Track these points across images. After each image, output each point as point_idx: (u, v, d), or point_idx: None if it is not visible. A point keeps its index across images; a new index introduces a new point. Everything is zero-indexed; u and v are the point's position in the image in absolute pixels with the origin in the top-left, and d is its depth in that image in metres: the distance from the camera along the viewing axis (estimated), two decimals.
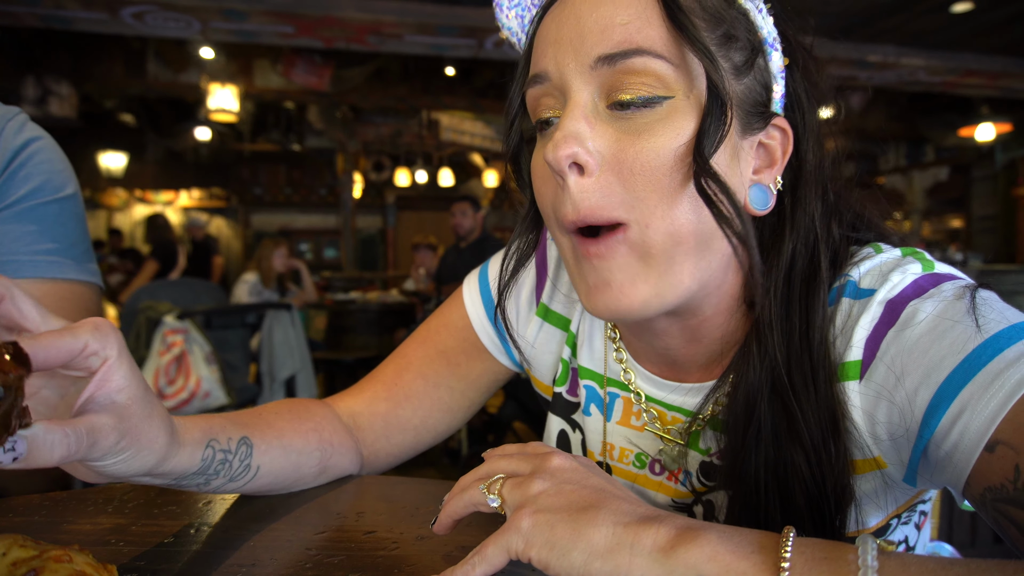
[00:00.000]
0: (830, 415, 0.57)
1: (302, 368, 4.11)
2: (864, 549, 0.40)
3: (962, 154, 10.13)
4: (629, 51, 0.56)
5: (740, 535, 0.43)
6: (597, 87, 0.58)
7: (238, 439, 0.66)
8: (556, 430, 0.83)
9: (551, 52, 0.59)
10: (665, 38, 0.56)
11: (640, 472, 0.74)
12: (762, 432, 0.59)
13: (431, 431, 0.88)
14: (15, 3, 4.79)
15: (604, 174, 0.56)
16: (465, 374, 0.87)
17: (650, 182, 0.55)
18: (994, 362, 0.48)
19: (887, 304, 0.57)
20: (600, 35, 0.56)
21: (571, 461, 0.54)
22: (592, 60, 0.57)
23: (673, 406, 0.71)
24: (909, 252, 0.62)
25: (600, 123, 0.57)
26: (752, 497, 0.60)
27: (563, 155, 0.55)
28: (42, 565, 0.45)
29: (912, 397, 0.52)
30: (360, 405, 0.85)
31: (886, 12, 5.55)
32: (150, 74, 6.95)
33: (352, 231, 10.32)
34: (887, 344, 0.55)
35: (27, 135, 0.92)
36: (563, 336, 0.83)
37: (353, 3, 5.08)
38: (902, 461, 0.56)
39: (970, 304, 0.53)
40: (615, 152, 0.56)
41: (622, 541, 0.44)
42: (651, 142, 0.56)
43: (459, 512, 0.56)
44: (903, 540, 0.66)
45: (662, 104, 0.56)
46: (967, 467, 0.48)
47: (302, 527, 0.67)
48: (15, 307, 0.47)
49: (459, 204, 5.03)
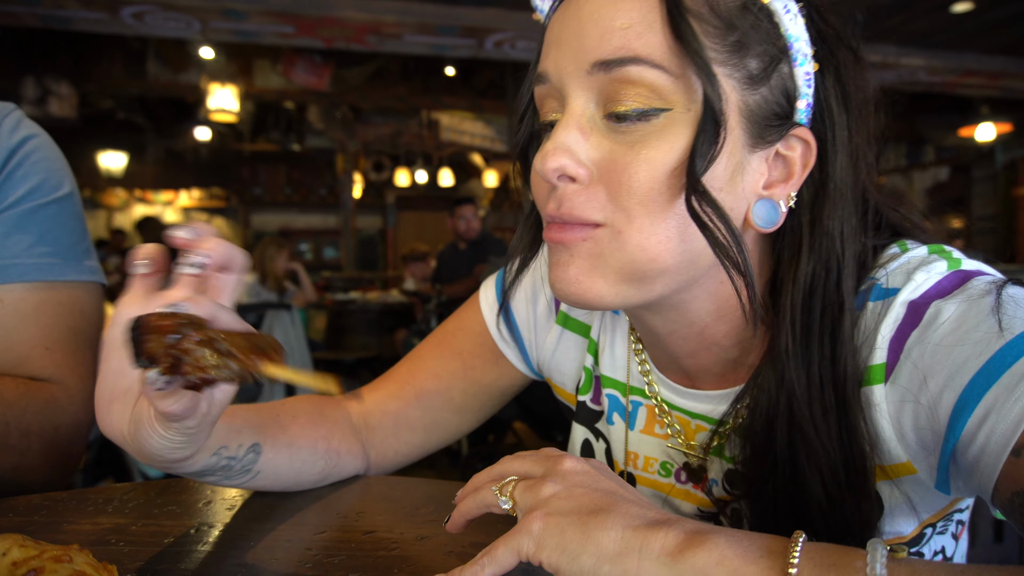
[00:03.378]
0: (848, 428, 0.56)
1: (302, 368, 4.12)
2: (873, 555, 0.39)
3: (962, 154, 10.12)
4: (625, 59, 0.54)
5: (749, 539, 0.43)
6: (595, 94, 0.56)
7: (249, 445, 0.68)
8: (580, 440, 0.82)
9: (552, 53, 0.58)
10: (666, 46, 0.53)
11: (666, 481, 0.73)
12: (778, 451, 0.58)
13: (440, 432, 0.88)
14: (15, 3, 4.78)
15: (595, 184, 0.56)
16: (479, 378, 0.87)
17: (637, 195, 0.54)
18: (1019, 364, 0.48)
19: (910, 305, 0.56)
20: (599, 39, 0.55)
21: (583, 464, 0.54)
22: (588, 65, 0.55)
23: (696, 414, 0.70)
24: (935, 249, 0.61)
25: (596, 133, 0.56)
26: (770, 510, 0.59)
27: (551, 168, 0.55)
28: (42, 565, 0.45)
29: (937, 400, 0.51)
30: (372, 403, 0.86)
31: (886, 12, 5.54)
32: (150, 74, 6.95)
33: (352, 231, 10.32)
34: (911, 345, 0.54)
35: (23, 133, 0.92)
36: (584, 343, 0.82)
37: (353, 3, 5.08)
38: (932, 466, 0.55)
39: (995, 303, 0.51)
40: (608, 163, 0.55)
41: (631, 545, 0.44)
42: (643, 154, 0.54)
43: (472, 512, 0.56)
44: (939, 551, 0.65)
45: (658, 116, 0.54)
46: (995, 472, 0.48)
47: (302, 527, 0.67)
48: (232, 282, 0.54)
49: (466, 207, 4.99)
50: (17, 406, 0.82)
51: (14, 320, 0.87)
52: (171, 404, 0.49)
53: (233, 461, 0.66)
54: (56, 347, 0.89)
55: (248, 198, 12.46)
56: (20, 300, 0.87)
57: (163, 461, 0.57)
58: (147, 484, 0.80)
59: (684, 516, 0.56)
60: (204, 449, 0.61)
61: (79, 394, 0.90)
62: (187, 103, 8.37)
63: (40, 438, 0.84)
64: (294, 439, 0.73)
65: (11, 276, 0.87)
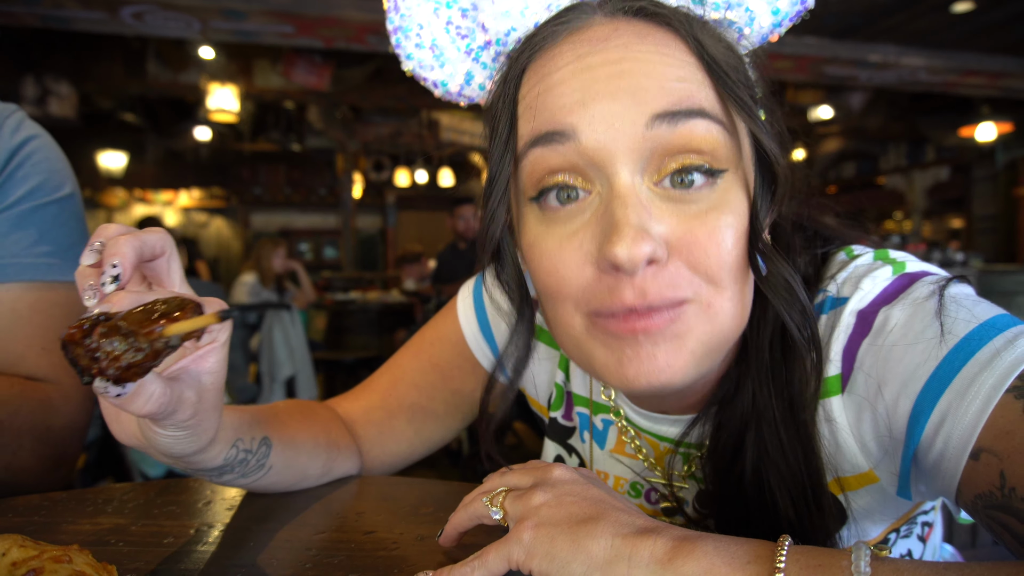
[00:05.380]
0: (811, 443, 0.57)
1: (302, 368, 4.11)
2: (858, 555, 0.40)
3: (962, 154, 10.11)
4: (693, 110, 0.51)
5: (736, 545, 0.44)
6: (643, 159, 0.51)
7: (260, 439, 0.68)
8: (552, 455, 0.83)
9: (580, 108, 0.51)
10: (717, 101, 0.52)
11: (636, 501, 0.74)
12: (745, 462, 0.59)
13: (425, 441, 0.89)
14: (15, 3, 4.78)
15: (672, 261, 0.51)
16: (459, 387, 0.87)
17: (726, 265, 0.52)
18: (968, 366, 0.48)
19: (859, 314, 0.57)
20: (658, 91, 0.50)
21: (572, 473, 0.54)
22: (647, 118, 0.50)
23: (665, 437, 0.70)
24: (881, 255, 0.62)
25: (654, 205, 0.51)
26: (738, 524, 0.60)
27: (641, 255, 0.49)
28: (42, 565, 0.45)
29: (894, 407, 0.52)
30: (356, 413, 0.86)
31: (886, 12, 5.54)
32: (150, 74, 6.94)
33: (352, 231, 10.32)
34: (863, 354, 0.55)
35: (25, 133, 0.92)
36: (556, 358, 0.82)
37: (353, 3, 5.08)
38: (893, 472, 0.55)
39: (938, 305, 0.52)
40: (682, 236, 0.51)
41: (620, 553, 0.44)
42: (721, 221, 0.52)
43: (464, 525, 0.57)
44: (906, 554, 0.66)
45: (722, 178, 0.52)
46: (955, 476, 0.48)
47: (302, 527, 0.67)
48: (167, 264, 0.52)
49: (466, 207, 4.99)
50: (10, 405, 0.82)
51: (10, 319, 0.87)
52: (142, 406, 0.47)
53: (249, 455, 0.66)
54: (52, 347, 0.89)
55: (248, 198, 12.46)
56: (16, 299, 0.87)
57: (183, 456, 0.57)
58: (147, 484, 0.80)
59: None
60: (222, 440, 0.61)
61: (75, 395, 0.90)
62: (187, 103, 8.37)
63: (33, 438, 0.84)
64: (296, 434, 0.74)
65: (9, 275, 0.87)
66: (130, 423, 0.55)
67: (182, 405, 0.51)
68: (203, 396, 0.53)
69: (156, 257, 0.51)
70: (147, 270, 0.52)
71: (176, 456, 0.56)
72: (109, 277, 0.47)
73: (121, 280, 0.47)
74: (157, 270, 0.52)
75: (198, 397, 0.52)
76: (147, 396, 0.47)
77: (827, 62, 6.14)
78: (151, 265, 0.52)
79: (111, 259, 0.47)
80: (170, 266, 0.53)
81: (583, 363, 0.57)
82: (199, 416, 0.53)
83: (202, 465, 0.61)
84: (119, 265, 0.47)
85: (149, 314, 0.45)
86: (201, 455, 0.59)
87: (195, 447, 0.56)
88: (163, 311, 0.46)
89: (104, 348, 0.43)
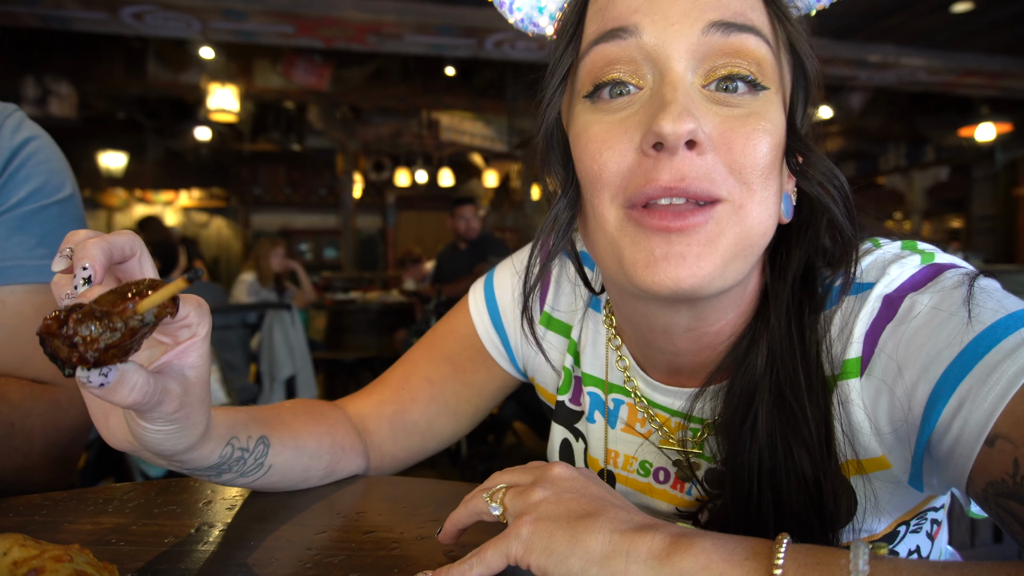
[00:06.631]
0: (825, 419, 0.58)
1: (302, 368, 4.11)
2: (856, 554, 0.40)
3: (962, 154, 10.12)
4: (746, 25, 0.55)
5: (734, 542, 0.44)
6: (697, 60, 0.55)
7: (257, 438, 0.68)
8: (559, 439, 0.83)
9: (646, 8, 0.56)
10: (768, 25, 0.57)
11: (644, 480, 0.74)
12: (758, 435, 0.59)
13: (436, 436, 0.89)
14: (15, 3, 4.79)
15: (711, 154, 0.54)
16: (470, 380, 0.88)
17: (760, 167, 0.55)
18: (991, 354, 0.48)
19: (884, 299, 0.57)
20: (717, 3, 0.55)
21: (571, 471, 0.55)
22: (704, 24, 0.54)
23: (677, 411, 0.70)
24: (908, 245, 0.62)
25: (701, 103, 0.55)
26: (747, 502, 0.60)
27: (685, 129, 0.52)
28: (42, 565, 0.45)
29: (912, 391, 0.52)
30: (367, 408, 0.86)
31: (886, 12, 5.55)
32: (150, 74, 6.95)
33: (352, 231, 10.33)
34: (885, 338, 0.55)
35: (25, 134, 0.92)
36: (565, 344, 0.83)
37: (353, 3, 5.08)
38: (906, 459, 0.55)
39: (967, 294, 0.52)
40: (723, 134, 0.54)
41: (618, 549, 0.45)
42: (760, 126, 0.55)
43: (463, 521, 0.57)
44: (914, 550, 0.65)
45: (765, 92, 0.56)
46: (969, 462, 0.48)
47: (302, 527, 0.67)
48: (139, 265, 0.53)
49: (466, 207, 4.98)
50: (22, 408, 0.82)
51: (16, 322, 0.87)
52: (126, 395, 0.47)
53: (245, 453, 0.66)
54: None
55: (248, 198, 12.47)
56: (21, 302, 0.87)
57: (175, 454, 0.57)
58: (147, 484, 0.80)
59: (662, 516, 0.56)
60: (215, 438, 0.61)
61: (80, 396, 0.90)
62: (187, 103, 8.38)
63: (43, 440, 0.84)
64: (299, 434, 0.74)
65: (13, 277, 0.87)
66: (120, 426, 0.55)
67: (168, 396, 0.51)
68: (188, 389, 0.53)
69: (127, 259, 0.52)
70: (119, 272, 0.53)
71: (168, 454, 0.56)
72: (81, 280, 0.47)
73: (93, 282, 0.47)
74: (129, 272, 0.53)
75: (183, 390, 0.52)
76: (131, 385, 0.47)
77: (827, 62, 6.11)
78: (123, 268, 0.52)
79: (81, 262, 0.48)
80: (142, 268, 0.53)
81: (612, 264, 0.58)
82: (186, 409, 0.53)
83: (196, 464, 0.61)
84: (89, 267, 0.48)
85: (121, 295, 0.46)
86: (193, 452, 0.58)
87: (185, 443, 0.56)
88: (135, 291, 0.46)
89: (80, 333, 0.43)
